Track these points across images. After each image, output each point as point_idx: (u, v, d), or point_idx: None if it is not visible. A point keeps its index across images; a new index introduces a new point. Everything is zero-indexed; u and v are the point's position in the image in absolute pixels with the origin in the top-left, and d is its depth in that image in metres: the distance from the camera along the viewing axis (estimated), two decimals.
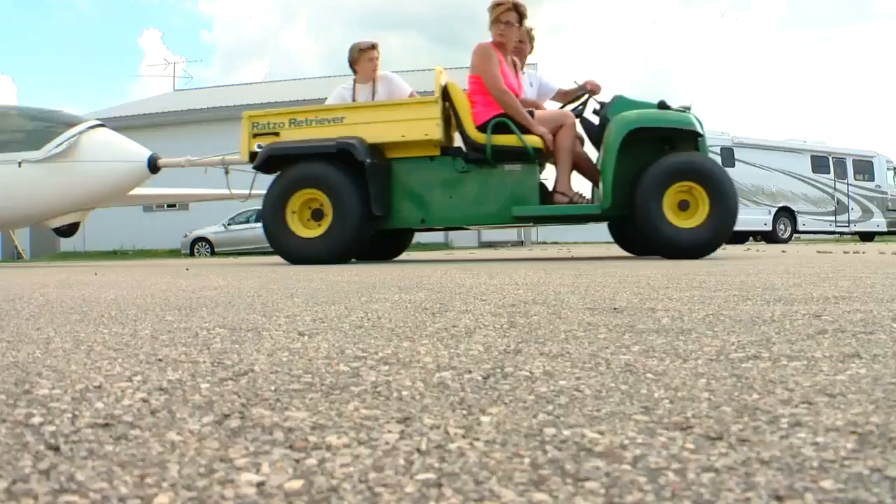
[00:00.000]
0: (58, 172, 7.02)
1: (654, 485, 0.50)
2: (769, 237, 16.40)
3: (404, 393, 0.80)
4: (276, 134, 5.32)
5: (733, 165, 15.05)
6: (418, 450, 0.59)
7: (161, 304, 2.03)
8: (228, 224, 18.10)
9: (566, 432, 0.63)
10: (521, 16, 5.13)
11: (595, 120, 5.25)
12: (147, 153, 7.11)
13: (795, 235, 16.81)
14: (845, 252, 6.37)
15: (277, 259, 6.10)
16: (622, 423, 0.66)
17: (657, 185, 4.66)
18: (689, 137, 4.85)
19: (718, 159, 14.17)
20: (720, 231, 4.68)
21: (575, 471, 0.53)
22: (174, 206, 20.31)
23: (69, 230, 7.80)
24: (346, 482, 0.51)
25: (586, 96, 5.39)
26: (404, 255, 7.49)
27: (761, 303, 1.73)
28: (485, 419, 0.68)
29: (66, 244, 21.67)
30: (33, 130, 7.35)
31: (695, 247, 4.67)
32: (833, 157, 16.85)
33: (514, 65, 5.32)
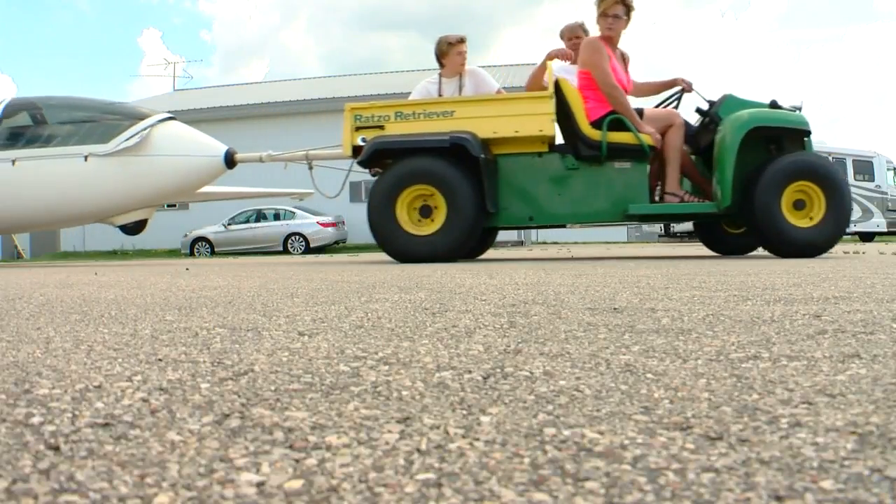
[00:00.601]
0: (127, 167, 6.68)
1: (654, 485, 0.50)
2: None
3: (404, 393, 0.80)
4: (381, 127, 5.12)
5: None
6: (418, 450, 0.59)
7: (161, 303, 2.03)
8: (228, 224, 18.11)
9: (566, 432, 0.63)
10: (629, 8, 5.05)
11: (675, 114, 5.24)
12: (223, 147, 6.78)
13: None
14: (845, 252, 6.36)
15: (277, 259, 6.09)
16: (622, 423, 0.66)
17: (776, 184, 4.68)
18: (797, 137, 4.88)
19: None
20: (836, 230, 4.74)
21: (575, 471, 0.53)
22: (174, 205, 20.30)
23: (136, 228, 7.46)
24: (346, 482, 0.51)
25: (680, 92, 5.39)
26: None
27: (761, 303, 1.73)
28: (485, 419, 0.68)
29: (65, 244, 21.68)
30: (101, 123, 7.02)
31: (812, 246, 4.73)
32: (833, 158, 16.84)
33: (623, 59, 5.24)
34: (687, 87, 5.28)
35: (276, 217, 18.10)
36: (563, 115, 5.05)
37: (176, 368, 0.97)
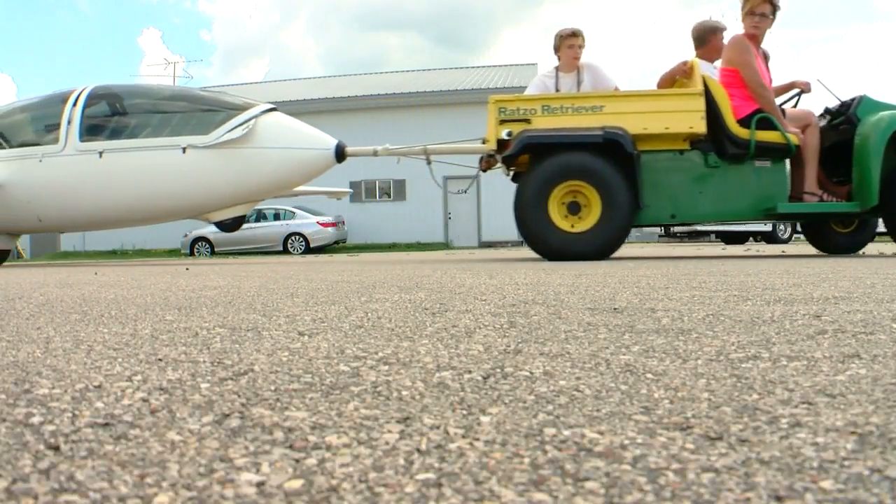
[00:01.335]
0: (230, 160, 6.24)
1: (654, 485, 0.50)
2: (769, 238, 16.40)
3: (404, 393, 0.80)
4: (527, 121, 5.01)
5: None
6: (418, 450, 0.59)
7: (161, 303, 2.03)
8: None
9: (566, 432, 0.63)
10: (775, 7, 5.06)
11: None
12: (333, 140, 6.37)
13: (796, 236, 16.79)
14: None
15: (277, 259, 6.08)
16: (622, 423, 0.66)
17: None
18: None
19: None
20: None
21: (575, 471, 0.53)
22: None
23: (233, 224, 6.95)
24: (346, 482, 0.51)
25: (798, 94, 5.42)
26: (404, 256, 7.49)
27: (761, 303, 1.72)
28: (485, 419, 0.68)
29: (66, 244, 21.67)
30: (201, 113, 6.60)
31: None
32: None
33: (765, 57, 5.24)
34: (806, 89, 5.32)
35: (276, 217, 18.11)
36: (709, 112, 5.02)
37: (176, 368, 0.97)
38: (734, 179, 5.04)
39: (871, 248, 6.20)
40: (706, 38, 5.37)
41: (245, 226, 17.97)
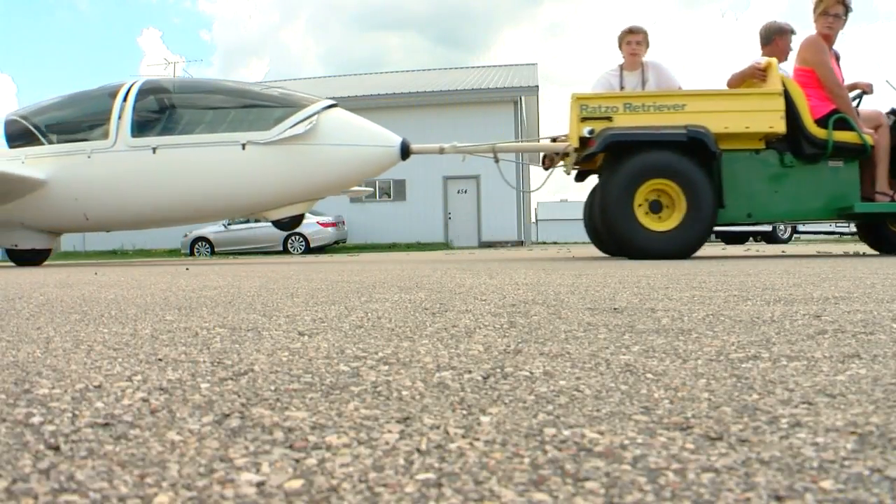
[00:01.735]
0: (292, 157, 6.03)
1: (654, 485, 0.50)
2: (769, 238, 16.40)
3: (404, 393, 0.80)
4: (609, 119, 5.03)
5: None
6: (418, 450, 0.59)
7: (161, 303, 2.03)
8: (228, 224, 18.11)
9: (566, 432, 0.63)
10: (847, 8, 5.10)
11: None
12: (398, 137, 6.17)
13: (795, 236, 16.79)
14: (845, 252, 6.36)
15: (278, 259, 6.08)
16: (622, 423, 0.66)
17: None
18: None
19: None
20: None
21: (575, 471, 0.53)
22: None
23: (292, 223, 6.79)
24: (346, 482, 0.51)
25: (860, 95, 5.47)
26: (404, 256, 7.49)
27: (761, 303, 1.72)
28: (485, 419, 0.68)
29: (66, 244, 21.65)
30: (260, 108, 6.41)
31: None
32: None
33: (837, 58, 5.28)
34: (868, 90, 5.39)
35: None
36: (787, 112, 5.05)
37: (176, 368, 0.97)
38: (809, 179, 5.09)
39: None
40: (772, 39, 5.44)
41: (245, 226, 18.05)
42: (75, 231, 7.51)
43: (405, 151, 6.12)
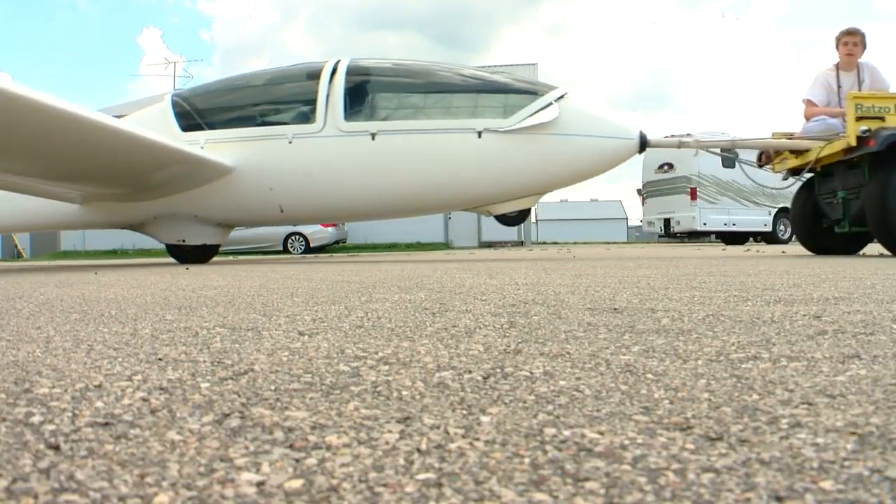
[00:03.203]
0: (530, 147, 5.63)
1: (654, 485, 0.50)
2: (769, 238, 16.40)
3: (404, 393, 0.80)
4: (881, 118, 5.17)
5: (733, 166, 15.03)
6: (418, 450, 0.59)
7: (161, 303, 2.03)
8: None
9: (566, 432, 0.63)
10: None
11: None
12: (636, 129, 5.85)
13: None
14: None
15: (278, 259, 6.06)
16: (622, 423, 0.66)
17: None
18: None
19: (718, 160, 14.18)
20: None
21: (575, 471, 0.53)
22: None
23: (517, 218, 6.27)
24: (346, 482, 0.51)
25: None
26: (403, 256, 7.49)
27: (761, 303, 1.72)
28: (485, 419, 0.68)
29: (66, 243, 21.65)
30: (494, 94, 5.95)
31: None
32: None
33: None
34: None
35: None
36: None
37: (176, 368, 0.97)
38: None
39: (871, 248, 6.17)
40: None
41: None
42: (264, 224, 6.66)
43: (643, 144, 5.83)
